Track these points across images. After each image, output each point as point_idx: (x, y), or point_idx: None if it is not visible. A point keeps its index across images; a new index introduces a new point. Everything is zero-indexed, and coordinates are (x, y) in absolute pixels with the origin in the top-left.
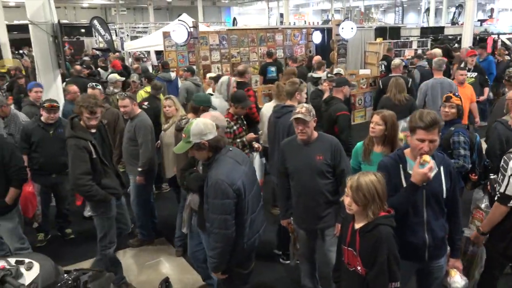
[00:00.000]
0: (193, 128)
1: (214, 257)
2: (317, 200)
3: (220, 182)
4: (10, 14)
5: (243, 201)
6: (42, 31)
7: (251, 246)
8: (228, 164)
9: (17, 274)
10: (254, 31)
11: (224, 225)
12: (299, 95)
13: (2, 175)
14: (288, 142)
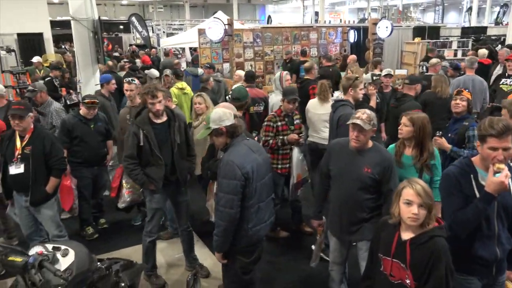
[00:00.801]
0: (213, 115)
1: (217, 234)
2: (355, 212)
3: (230, 163)
4: (54, 10)
5: (250, 186)
6: (83, 27)
7: (256, 233)
8: (241, 149)
9: (54, 260)
10: (288, 29)
11: (229, 204)
12: (352, 90)
13: (43, 165)
14: (337, 143)
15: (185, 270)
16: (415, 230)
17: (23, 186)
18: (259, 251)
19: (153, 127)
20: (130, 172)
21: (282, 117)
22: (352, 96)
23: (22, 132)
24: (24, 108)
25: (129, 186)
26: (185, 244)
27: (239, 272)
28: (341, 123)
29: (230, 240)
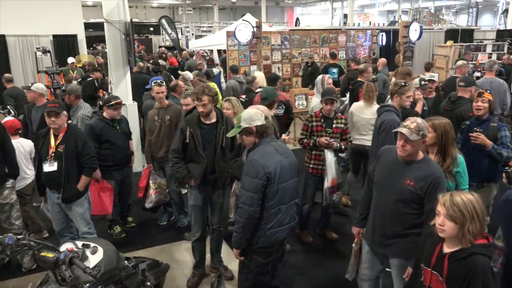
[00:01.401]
0: (244, 114)
1: (236, 230)
2: (390, 224)
3: (254, 161)
4: (87, 13)
5: (272, 186)
6: (116, 29)
7: (274, 235)
8: (267, 149)
9: (83, 257)
10: (316, 31)
11: (249, 202)
12: (398, 97)
13: (75, 164)
14: (388, 150)
15: (209, 271)
16: (457, 244)
17: (56, 183)
18: (278, 253)
19: (200, 126)
20: (173, 165)
21: (319, 118)
22: (397, 103)
23: (56, 131)
24: (59, 106)
25: (156, 186)
26: (213, 243)
27: (254, 271)
28: (382, 128)
29: (248, 237)
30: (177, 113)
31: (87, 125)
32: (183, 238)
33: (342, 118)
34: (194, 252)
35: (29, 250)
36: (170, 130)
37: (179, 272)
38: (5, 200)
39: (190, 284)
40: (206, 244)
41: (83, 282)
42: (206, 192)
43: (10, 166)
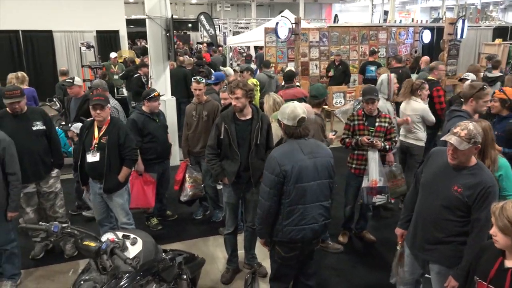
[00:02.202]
0: (283, 107)
1: (257, 221)
2: (432, 230)
3: (272, 157)
4: (129, 9)
5: (288, 185)
6: (157, 25)
7: (291, 233)
8: (289, 148)
9: (123, 248)
10: (356, 28)
11: (265, 196)
12: (474, 101)
13: (117, 155)
14: (438, 151)
15: (243, 267)
16: None
17: (98, 173)
18: (302, 251)
19: (236, 123)
20: (208, 161)
21: (361, 116)
22: (472, 107)
23: (100, 123)
24: (104, 99)
25: (191, 180)
26: (247, 241)
27: (277, 262)
28: None
29: (268, 229)
30: (215, 108)
31: (129, 120)
32: (218, 233)
33: (386, 117)
34: (226, 245)
35: (71, 238)
36: (207, 126)
37: (213, 266)
38: (51, 189)
39: (224, 280)
40: (237, 239)
41: (123, 272)
42: (240, 190)
43: (55, 156)
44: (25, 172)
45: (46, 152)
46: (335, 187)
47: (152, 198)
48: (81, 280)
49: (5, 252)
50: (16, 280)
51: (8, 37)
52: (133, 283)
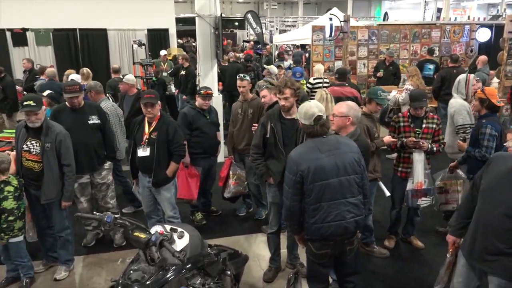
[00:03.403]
0: (302, 107)
1: (283, 218)
2: (493, 239)
3: (290, 158)
4: (178, 8)
5: (307, 184)
6: (206, 23)
7: (320, 230)
8: (306, 148)
9: (171, 241)
10: (407, 26)
11: (286, 195)
12: None
13: (166, 150)
14: (500, 157)
15: (285, 266)
16: None
17: (147, 168)
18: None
19: (281, 121)
20: (253, 161)
21: (407, 118)
22: None
23: (151, 119)
24: (154, 97)
25: (235, 177)
26: (290, 241)
27: (310, 258)
28: None
29: (295, 227)
30: (260, 106)
31: (181, 113)
32: (261, 231)
33: (434, 118)
34: (269, 244)
35: (120, 228)
36: (252, 123)
37: (255, 264)
38: (103, 180)
39: (266, 278)
40: (281, 238)
41: (170, 264)
42: None
43: (108, 149)
44: (80, 163)
45: (100, 145)
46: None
47: (195, 191)
48: (131, 269)
49: (60, 238)
50: (69, 266)
51: (66, 35)
52: (179, 275)
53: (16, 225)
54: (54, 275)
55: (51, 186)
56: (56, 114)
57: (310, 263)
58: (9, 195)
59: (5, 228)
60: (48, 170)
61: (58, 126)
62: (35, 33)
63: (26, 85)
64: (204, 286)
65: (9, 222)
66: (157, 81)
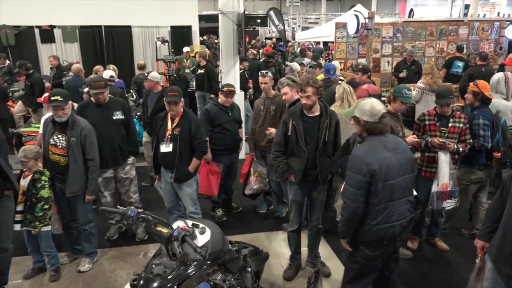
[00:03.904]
0: (362, 105)
1: (341, 222)
2: None
3: (357, 157)
4: (201, 6)
5: (377, 184)
6: (229, 19)
7: (381, 232)
8: (372, 146)
9: (193, 236)
10: (434, 23)
11: (351, 197)
12: None
13: (188, 146)
14: None
15: (305, 265)
16: None
17: (170, 163)
18: (387, 250)
19: (303, 119)
20: (274, 159)
21: (432, 116)
22: None
23: (174, 115)
24: (178, 94)
25: (256, 174)
26: (311, 240)
27: (360, 262)
28: None
29: (353, 230)
30: (283, 103)
31: (203, 109)
32: (281, 229)
33: (461, 117)
34: (289, 242)
35: (143, 222)
36: (274, 120)
37: (275, 261)
38: (126, 175)
39: (287, 276)
40: (301, 236)
41: (192, 260)
42: (306, 188)
43: (132, 144)
44: (104, 158)
45: (124, 140)
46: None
47: (215, 187)
48: (153, 263)
49: (84, 231)
50: (93, 258)
51: (92, 32)
52: (200, 271)
53: (49, 213)
54: (78, 267)
55: (76, 180)
56: (82, 110)
57: (360, 266)
58: (45, 184)
59: (40, 217)
60: (73, 164)
61: (83, 121)
62: (62, 30)
63: (54, 82)
64: (224, 282)
65: (45, 210)
66: (179, 78)
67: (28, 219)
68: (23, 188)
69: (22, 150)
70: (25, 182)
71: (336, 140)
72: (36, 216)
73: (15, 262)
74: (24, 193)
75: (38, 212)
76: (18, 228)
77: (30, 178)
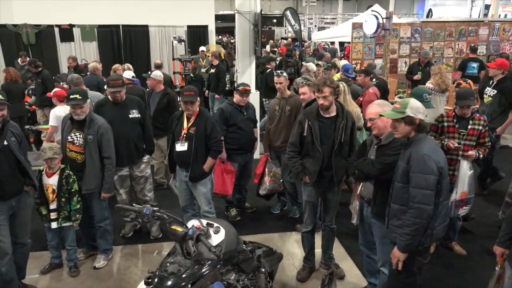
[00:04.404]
0: (412, 102)
1: (409, 233)
2: None
3: (426, 157)
4: (217, 5)
5: (443, 182)
6: (245, 19)
7: (438, 233)
8: (433, 144)
9: (207, 235)
10: (453, 23)
11: (427, 200)
12: None
13: (203, 145)
14: None
15: (319, 266)
16: None
17: (185, 162)
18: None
19: (319, 120)
20: (289, 159)
21: (451, 118)
22: None
23: (190, 114)
24: (194, 94)
25: (271, 175)
26: (325, 240)
27: (415, 273)
28: None
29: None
30: (298, 104)
31: (219, 108)
32: (295, 229)
33: (481, 119)
34: (303, 243)
35: (157, 221)
36: (289, 121)
37: (289, 262)
38: (142, 173)
39: (300, 277)
40: (315, 237)
41: (206, 259)
42: (321, 189)
43: (147, 142)
44: (120, 156)
45: (139, 138)
46: None
47: (230, 187)
48: (167, 262)
49: (100, 228)
50: (108, 255)
51: (110, 31)
52: (214, 270)
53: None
54: (93, 263)
55: (92, 177)
56: (99, 108)
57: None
58: (74, 178)
59: (78, 209)
60: (90, 162)
61: (100, 119)
62: (81, 29)
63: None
64: (238, 282)
65: (80, 202)
66: (195, 77)
67: (62, 215)
68: (52, 187)
69: (49, 149)
70: (53, 181)
71: (352, 142)
72: (74, 209)
73: (32, 256)
74: (53, 191)
75: (75, 205)
76: (54, 226)
77: (58, 175)
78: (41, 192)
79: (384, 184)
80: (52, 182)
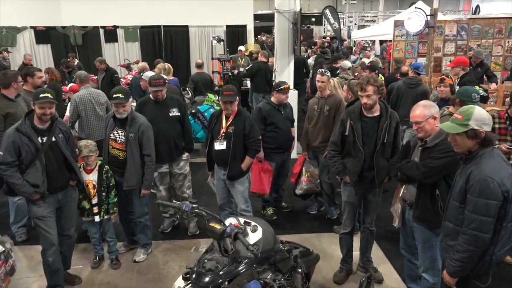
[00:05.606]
0: (477, 113)
1: (460, 260)
2: None
3: (489, 180)
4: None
5: (509, 206)
6: (285, 18)
7: (499, 257)
8: (497, 162)
9: (245, 233)
10: (503, 20)
11: (485, 228)
12: None
13: (242, 144)
14: None
15: (357, 269)
16: None
17: (223, 161)
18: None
19: (362, 119)
20: (329, 158)
21: (503, 119)
22: None
23: (228, 114)
24: (233, 94)
25: (308, 174)
26: (363, 242)
27: None
28: None
29: (472, 266)
30: (337, 103)
31: (256, 107)
32: (332, 231)
33: None
34: (341, 244)
35: (195, 217)
36: (328, 120)
37: (325, 264)
38: (181, 171)
39: (337, 279)
40: (353, 239)
41: (243, 257)
42: (362, 190)
43: (187, 140)
44: (160, 153)
45: (179, 136)
46: None
47: (267, 186)
48: (205, 258)
49: (140, 223)
50: (147, 249)
51: (151, 32)
52: (251, 269)
53: None
54: (133, 256)
55: (133, 174)
56: (141, 106)
57: None
58: (111, 172)
59: (116, 202)
60: (131, 159)
61: (141, 117)
62: (124, 30)
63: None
64: (274, 281)
65: (117, 196)
66: (233, 77)
67: (103, 209)
68: (93, 183)
69: (84, 147)
70: (93, 177)
71: (396, 142)
72: (112, 203)
73: (75, 248)
74: (94, 186)
75: (113, 198)
76: (97, 219)
77: (97, 171)
78: (82, 188)
79: (428, 187)
80: (92, 178)
